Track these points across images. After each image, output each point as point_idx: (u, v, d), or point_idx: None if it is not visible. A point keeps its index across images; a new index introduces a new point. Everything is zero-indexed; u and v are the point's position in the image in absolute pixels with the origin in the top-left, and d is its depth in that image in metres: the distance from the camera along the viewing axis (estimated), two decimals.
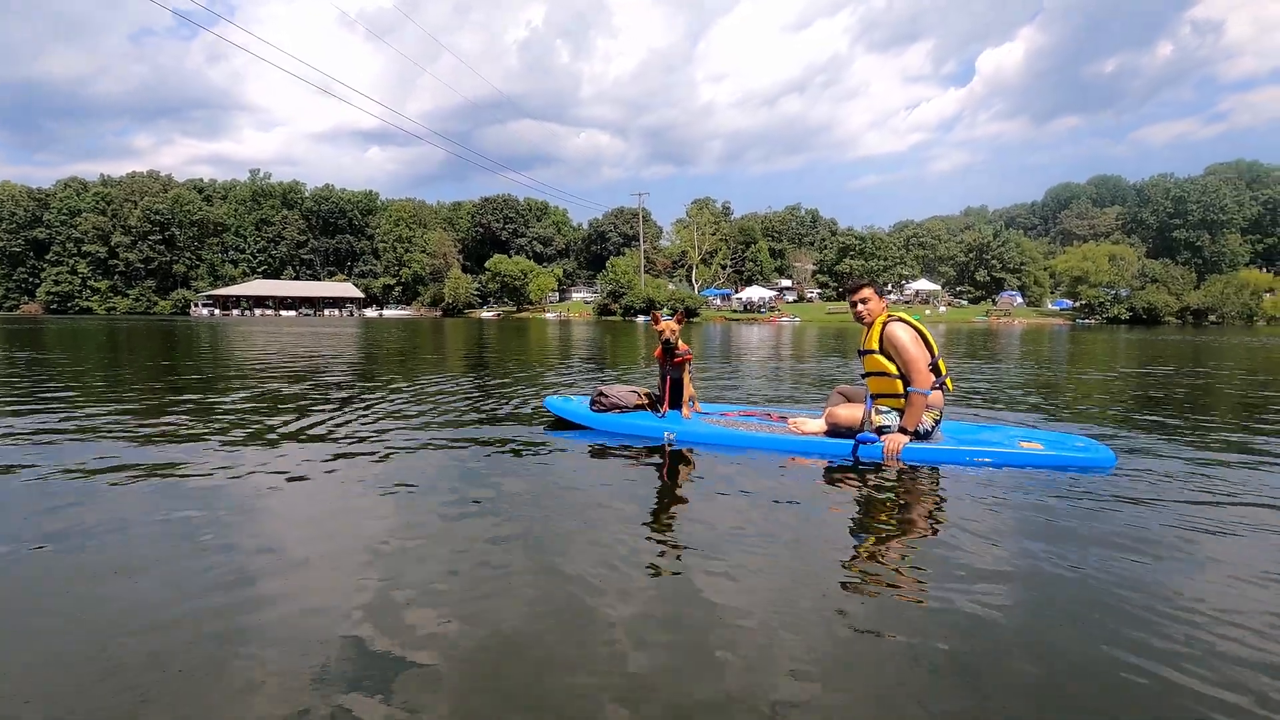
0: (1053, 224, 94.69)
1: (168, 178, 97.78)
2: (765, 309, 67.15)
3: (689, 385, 4.80)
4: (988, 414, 5.83)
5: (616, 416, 4.75)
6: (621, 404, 4.82)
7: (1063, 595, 2.19)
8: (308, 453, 4.16)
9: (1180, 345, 19.89)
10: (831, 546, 2.67)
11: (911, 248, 79.12)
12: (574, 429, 4.81)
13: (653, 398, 4.93)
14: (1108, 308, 57.13)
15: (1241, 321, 51.76)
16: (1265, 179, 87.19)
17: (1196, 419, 5.80)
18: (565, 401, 5.22)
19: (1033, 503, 3.14)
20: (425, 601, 2.12)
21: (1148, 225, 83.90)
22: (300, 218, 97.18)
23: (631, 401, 4.85)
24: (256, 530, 2.83)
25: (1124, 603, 2.11)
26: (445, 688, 1.67)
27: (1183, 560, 2.48)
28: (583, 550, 2.56)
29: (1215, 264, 75.79)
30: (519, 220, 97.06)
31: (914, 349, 3.90)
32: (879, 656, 1.82)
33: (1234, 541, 2.68)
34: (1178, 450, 4.36)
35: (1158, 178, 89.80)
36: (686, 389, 4.76)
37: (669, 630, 1.95)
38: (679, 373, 4.72)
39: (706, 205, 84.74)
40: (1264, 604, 2.13)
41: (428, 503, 3.17)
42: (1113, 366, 11.94)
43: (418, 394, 6.98)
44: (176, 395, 6.90)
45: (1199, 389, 8.29)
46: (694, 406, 4.90)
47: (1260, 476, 3.69)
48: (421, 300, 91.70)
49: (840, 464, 3.87)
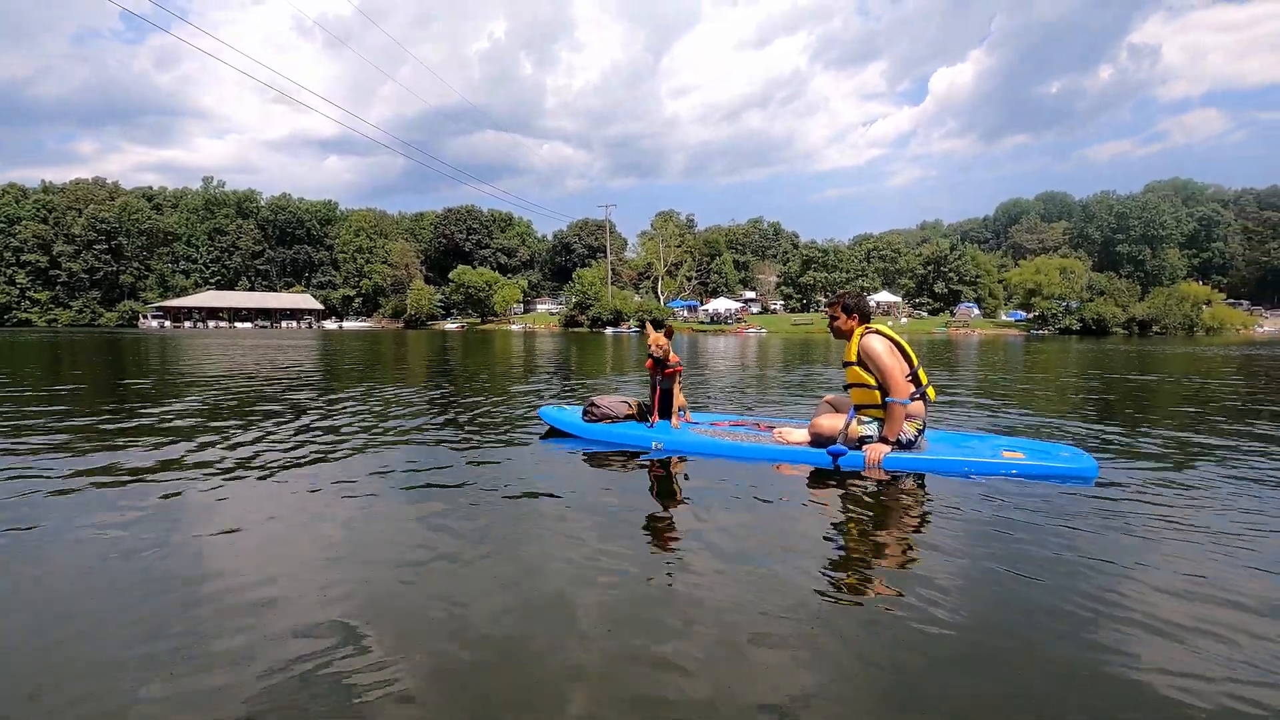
0: (1004, 238, 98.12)
1: (114, 185, 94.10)
2: (732, 320, 67.75)
3: (679, 396, 4.85)
4: (960, 421, 5.85)
5: (608, 426, 4.76)
6: (613, 414, 4.84)
7: (1038, 603, 2.17)
8: (285, 474, 3.93)
9: (1135, 355, 20.64)
10: (809, 555, 2.62)
11: (873, 260, 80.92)
12: (567, 438, 4.84)
13: (643, 407, 4.95)
14: (1060, 319, 59.18)
15: (1183, 332, 54.13)
16: (1199, 196, 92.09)
17: (1173, 428, 5.93)
18: (559, 411, 5.24)
19: (1013, 512, 3.11)
20: (399, 607, 2.11)
21: (1093, 240, 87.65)
22: (256, 227, 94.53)
23: (622, 412, 4.87)
24: (215, 546, 2.61)
25: (1099, 612, 2.10)
26: (419, 699, 1.64)
27: (1161, 570, 2.46)
28: (558, 553, 2.58)
29: (1156, 277, 79.44)
30: (483, 231, 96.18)
31: (888, 359, 3.90)
32: (855, 664, 1.81)
33: (1218, 551, 2.66)
34: (1159, 459, 4.40)
35: (1101, 194, 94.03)
36: (676, 399, 4.80)
37: (640, 637, 1.93)
38: (669, 383, 4.79)
39: (671, 217, 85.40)
40: (1236, 611, 2.12)
41: (415, 509, 3.14)
42: (1080, 375, 12.26)
43: (405, 403, 6.75)
44: (120, 410, 6.48)
45: (1170, 397, 8.53)
46: (684, 416, 4.94)
47: (1239, 483, 3.74)
48: (383, 312, 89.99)
49: (822, 471, 3.89)
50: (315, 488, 3.54)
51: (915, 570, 2.45)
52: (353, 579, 2.33)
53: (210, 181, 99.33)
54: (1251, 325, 59.74)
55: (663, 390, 4.79)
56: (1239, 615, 2.09)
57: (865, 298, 4.33)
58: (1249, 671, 1.77)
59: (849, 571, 2.45)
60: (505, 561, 2.49)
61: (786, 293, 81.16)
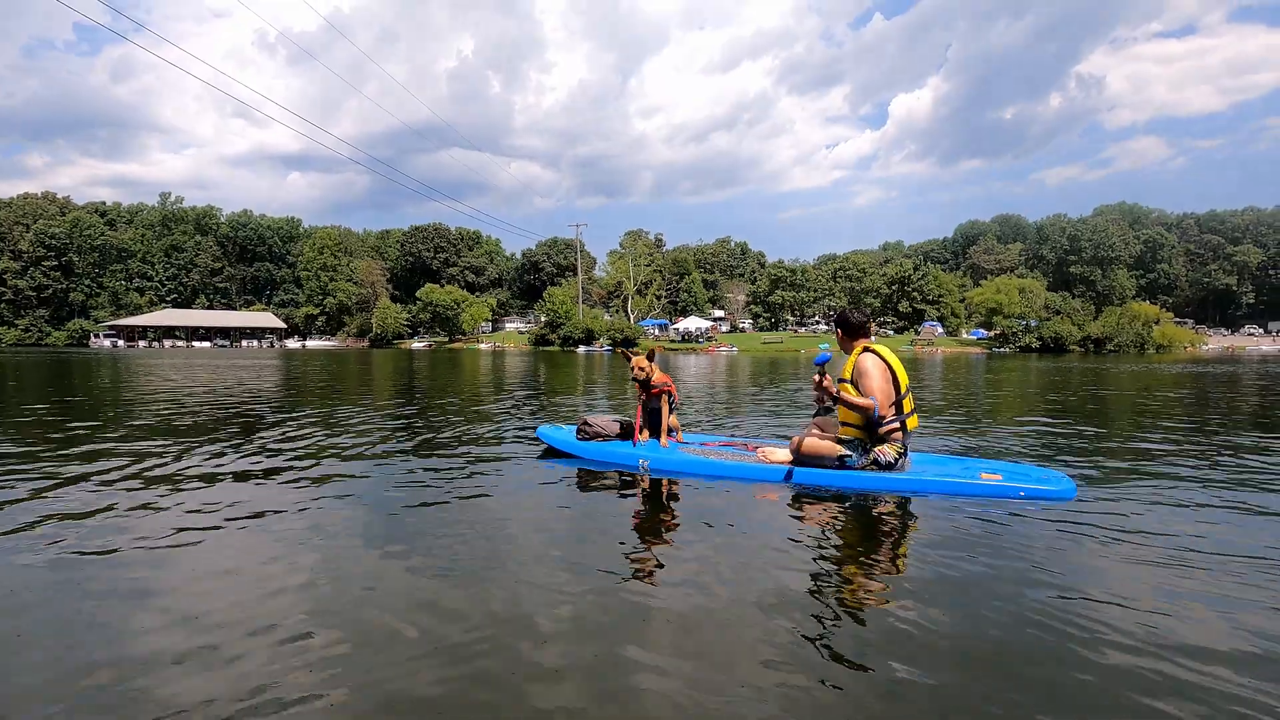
0: (963, 258, 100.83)
1: (65, 200, 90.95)
2: (703, 339, 68.06)
3: (669, 416, 4.89)
4: (939, 437, 5.85)
5: (599, 445, 4.86)
6: (604, 433, 4.94)
7: (1016, 619, 2.20)
8: (263, 492, 3.75)
9: (1094, 373, 21.23)
10: (790, 572, 2.65)
11: (839, 279, 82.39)
12: (561, 456, 4.92)
13: (626, 426, 5.03)
14: (1020, 337, 60.89)
15: (1136, 350, 56.13)
16: (1145, 220, 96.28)
17: (1141, 444, 6.03)
18: (555, 430, 5.34)
19: (992, 532, 3.17)
20: (380, 612, 2.16)
21: (1047, 261, 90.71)
22: (215, 244, 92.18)
23: (614, 430, 4.97)
24: (183, 569, 2.43)
25: (1078, 627, 2.13)
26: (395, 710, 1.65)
27: (1135, 584, 2.54)
28: (535, 568, 2.63)
29: (1107, 297, 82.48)
30: (450, 249, 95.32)
31: (876, 377, 3.98)
32: (838, 677, 1.83)
33: (1192, 571, 2.69)
34: (1131, 474, 4.52)
35: (1054, 217, 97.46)
36: (666, 419, 4.84)
37: (617, 651, 1.96)
38: (656, 403, 4.86)
39: (640, 236, 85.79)
40: (1207, 625, 2.18)
41: (412, 523, 3.18)
42: (1046, 393, 12.52)
43: (395, 421, 6.46)
44: (68, 433, 6.09)
45: (1136, 413, 8.71)
46: (675, 436, 4.97)
47: (1216, 504, 3.80)
48: (347, 330, 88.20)
49: (805, 492, 3.94)
50: (298, 510, 3.37)
51: (897, 589, 2.46)
52: (337, 598, 2.32)
53: (168, 197, 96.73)
54: (1199, 343, 62.27)
55: (651, 410, 4.86)
56: (1210, 628, 2.14)
57: (868, 315, 4.34)
58: (1219, 681, 1.82)
59: (832, 589, 2.46)
60: (477, 581, 2.49)
61: (756, 311, 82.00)
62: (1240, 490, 4.05)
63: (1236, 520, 3.42)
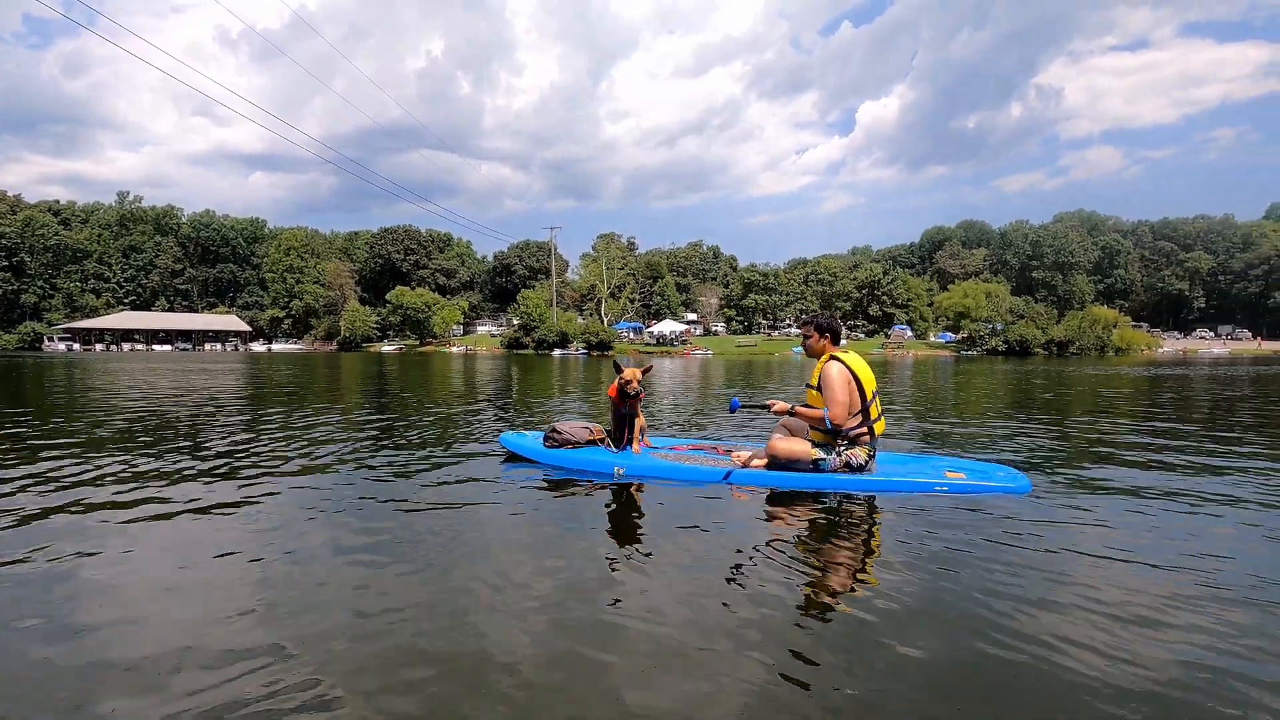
0: (929, 263, 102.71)
1: (16, 198, 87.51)
2: (678, 342, 68.22)
3: (640, 418, 4.86)
4: (907, 437, 5.93)
5: (569, 452, 4.74)
6: (574, 439, 4.81)
7: (980, 611, 2.28)
8: (218, 500, 3.62)
9: (1057, 374, 21.78)
10: (763, 574, 2.69)
11: (810, 284, 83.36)
12: (528, 464, 4.78)
13: (605, 433, 4.95)
14: (986, 340, 62.33)
15: (1096, 353, 57.87)
16: (1102, 227, 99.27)
17: (1096, 442, 6.19)
18: (519, 437, 5.19)
19: (957, 527, 3.31)
20: (356, 625, 2.11)
21: (1011, 266, 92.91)
22: (176, 245, 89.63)
23: (584, 437, 4.84)
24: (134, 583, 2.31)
25: (1034, 616, 2.25)
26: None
27: (1088, 574, 2.66)
28: (507, 578, 2.58)
29: (1068, 301, 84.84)
30: (421, 251, 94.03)
31: (838, 388, 4.05)
32: (807, 676, 1.85)
33: (1134, 564, 2.81)
34: (1085, 470, 4.74)
35: (1017, 223, 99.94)
36: (639, 425, 4.82)
37: (588, 655, 1.96)
38: (633, 410, 4.79)
39: (613, 240, 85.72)
40: (1161, 611, 2.29)
41: (357, 539, 3.05)
42: (1011, 394, 12.78)
43: (353, 428, 6.34)
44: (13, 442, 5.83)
45: (1094, 413, 8.93)
46: (643, 440, 4.93)
47: (1161, 497, 3.97)
48: (315, 334, 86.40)
49: (778, 493, 3.97)
50: (255, 525, 3.28)
51: (868, 586, 2.53)
52: (293, 609, 2.27)
53: (126, 196, 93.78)
54: (1155, 346, 64.46)
55: (628, 417, 4.79)
56: (1164, 614, 2.26)
57: (837, 319, 4.43)
58: (1178, 670, 1.89)
59: (803, 589, 2.50)
60: (445, 590, 2.47)
61: (729, 314, 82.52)
62: (1192, 482, 4.28)
63: (1186, 511, 3.61)
